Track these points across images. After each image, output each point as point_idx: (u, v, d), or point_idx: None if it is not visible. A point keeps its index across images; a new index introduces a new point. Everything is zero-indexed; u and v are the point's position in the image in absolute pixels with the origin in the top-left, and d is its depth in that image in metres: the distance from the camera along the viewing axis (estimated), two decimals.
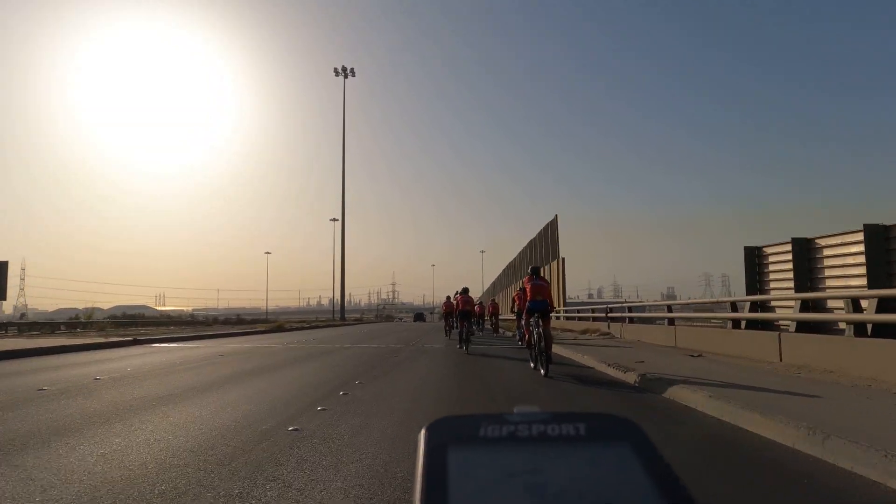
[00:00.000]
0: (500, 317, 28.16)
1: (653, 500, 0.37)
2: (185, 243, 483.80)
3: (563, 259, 30.77)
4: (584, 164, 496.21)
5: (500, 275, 71.81)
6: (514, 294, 14.53)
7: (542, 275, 9.69)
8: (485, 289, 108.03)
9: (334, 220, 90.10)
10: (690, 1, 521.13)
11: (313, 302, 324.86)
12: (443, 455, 0.40)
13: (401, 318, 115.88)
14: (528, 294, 9.15)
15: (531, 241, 40.97)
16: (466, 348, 13.55)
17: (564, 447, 0.41)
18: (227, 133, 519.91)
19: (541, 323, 8.84)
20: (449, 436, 0.42)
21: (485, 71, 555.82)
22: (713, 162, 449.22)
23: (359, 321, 49.73)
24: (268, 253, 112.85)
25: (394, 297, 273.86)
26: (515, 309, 13.92)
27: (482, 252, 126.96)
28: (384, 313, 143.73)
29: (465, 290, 16.26)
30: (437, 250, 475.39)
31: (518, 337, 15.47)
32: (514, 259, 54.35)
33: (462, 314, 14.63)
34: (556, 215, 32.42)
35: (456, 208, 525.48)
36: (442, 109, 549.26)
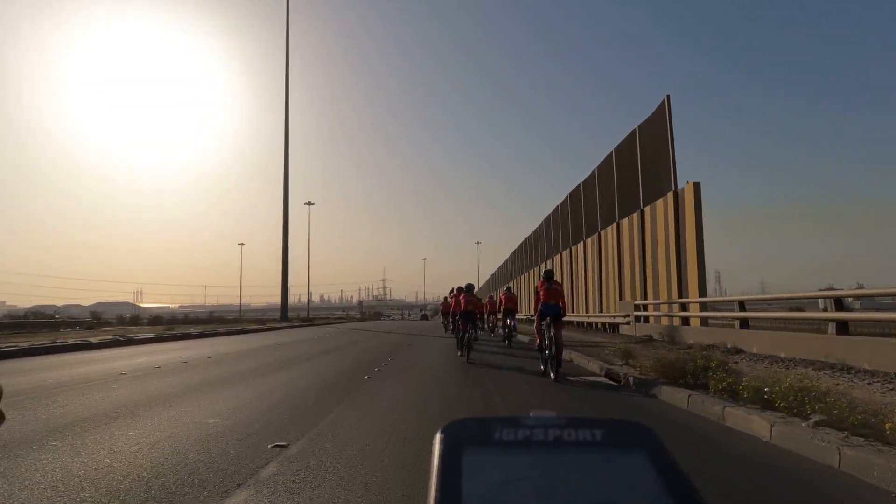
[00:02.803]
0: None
1: None
2: (172, 239, 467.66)
3: (699, 185, 13.94)
4: (568, 162, 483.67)
5: (509, 258, 55.44)
6: (499, 296, 15.97)
7: (555, 277, 9.01)
8: (482, 283, 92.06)
9: (309, 203, 75.99)
10: (676, 6, 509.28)
11: (303, 299, 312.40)
12: (458, 457, 0.40)
13: (389, 316, 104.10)
14: (542, 297, 8.61)
15: (598, 169, 23.50)
16: (467, 356, 11.00)
17: (580, 452, 0.41)
18: (214, 125, 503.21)
19: (552, 328, 8.30)
20: (464, 438, 0.42)
21: (472, 67, 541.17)
22: (701, 165, 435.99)
23: (308, 323, 32.76)
24: (241, 244, 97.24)
25: (385, 294, 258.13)
26: (502, 309, 15.35)
27: (478, 243, 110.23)
28: (371, 311, 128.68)
29: (469, 288, 13.23)
30: (429, 245, 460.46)
31: (503, 336, 15.31)
32: (539, 227, 37.32)
33: (465, 316, 11.84)
34: (668, 98, 15.50)
35: (447, 201, 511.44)
36: (429, 103, 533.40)
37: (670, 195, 15.07)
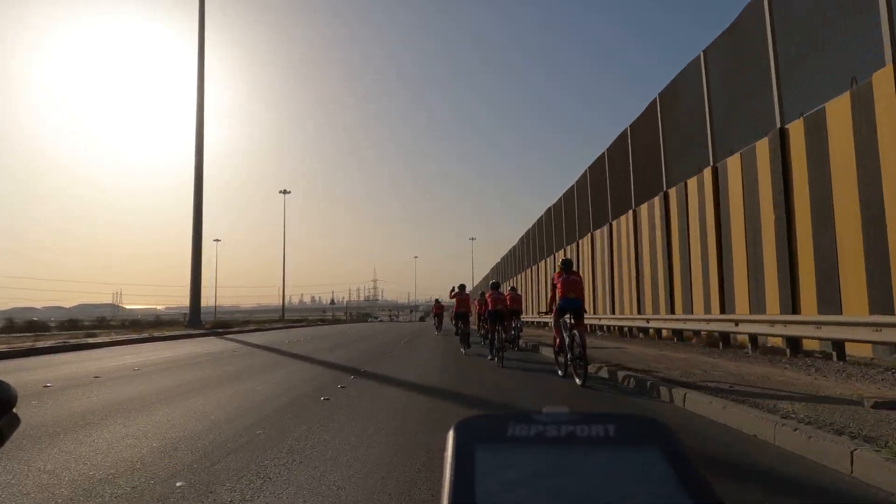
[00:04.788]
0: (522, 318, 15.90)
1: None
2: (159, 241, 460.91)
3: None
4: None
5: (511, 250, 46.73)
6: (483, 297, 13.15)
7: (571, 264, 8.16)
8: (476, 282, 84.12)
9: (284, 191, 65.29)
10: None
11: (295, 300, 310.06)
12: (470, 454, 0.40)
13: (377, 318, 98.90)
14: (560, 290, 7.77)
15: (705, 53, 14.47)
16: (501, 361, 9.82)
17: (592, 448, 0.41)
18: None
19: (574, 325, 7.54)
20: (477, 435, 0.42)
21: (462, 69, 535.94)
22: None
23: (219, 330, 22.55)
24: (217, 240, 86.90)
25: (376, 295, 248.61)
26: (490, 308, 11.23)
27: (472, 239, 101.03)
28: (360, 312, 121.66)
29: (463, 287, 14.03)
30: (421, 247, 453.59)
31: (507, 339, 11.80)
32: (555, 205, 27.62)
33: (493, 316, 10.60)
34: None
35: (439, 202, 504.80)
36: (421, 104, 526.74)
37: None
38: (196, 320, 24.44)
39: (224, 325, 27.26)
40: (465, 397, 6.64)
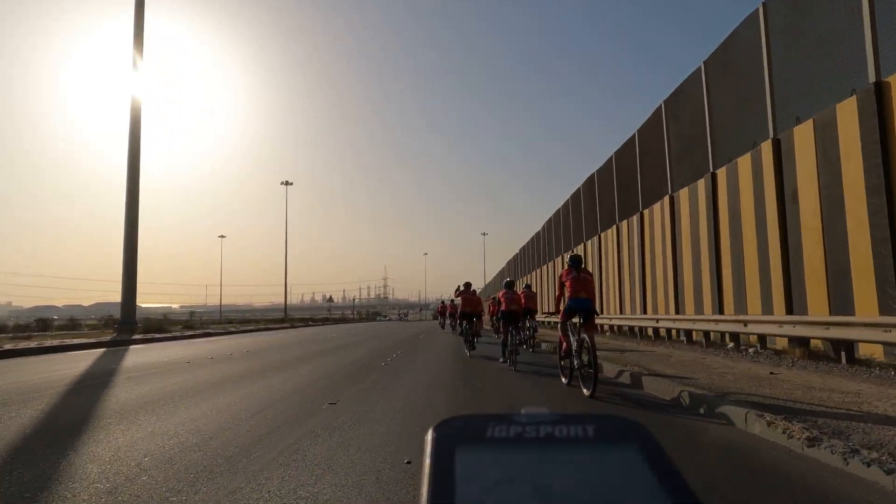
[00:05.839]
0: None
1: (660, 503, 0.36)
2: (172, 240, 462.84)
3: None
4: (576, 159, 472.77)
5: (527, 243, 41.73)
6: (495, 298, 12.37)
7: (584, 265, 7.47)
8: (488, 279, 79.57)
9: (287, 183, 61.12)
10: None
11: (307, 298, 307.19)
12: (450, 455, 0.40)
13: (386, 317, 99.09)
14: (569, 289, 7.27)
15: None
16: (514, 364, 9.42)
17: (572, 449, 0.40)
18: (216, 124, 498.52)
19: (583, 328, 6.95)
20: (456, 436, 0.41)
21: (476, 60, 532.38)
22: None
23: (144, 336, 17.01)
24: (222, 236, 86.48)
25: (386, 293, 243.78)
26: (503, 308, 10.56)
27: (484, 234, 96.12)
28: (371, 311, 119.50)
29: (468, 286, 13.36)
30: (433, 245, 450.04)
31: (520, 340, 11.92)
32: (578, 191, 21.97)
33: (506, 316, 10.17)
34: None
35: (451, 199, 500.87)
36: (425, 93, 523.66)
37: None
38: (129, 322, 19.10)
39: (159, 328, 21.78)
40: None
